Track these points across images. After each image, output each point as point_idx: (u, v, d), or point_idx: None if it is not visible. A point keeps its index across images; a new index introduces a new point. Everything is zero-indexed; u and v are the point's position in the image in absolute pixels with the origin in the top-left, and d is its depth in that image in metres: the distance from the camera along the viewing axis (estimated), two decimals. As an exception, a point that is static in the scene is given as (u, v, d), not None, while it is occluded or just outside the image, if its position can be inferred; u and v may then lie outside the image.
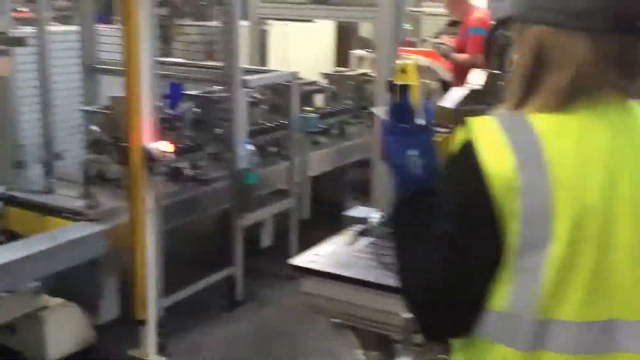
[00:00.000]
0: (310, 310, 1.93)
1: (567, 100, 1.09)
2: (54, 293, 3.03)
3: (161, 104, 3.29)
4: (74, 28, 3.98)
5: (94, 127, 3.40)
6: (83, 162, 3.41)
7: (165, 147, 2.95)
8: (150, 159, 2.94)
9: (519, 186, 1.04)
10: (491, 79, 1.64)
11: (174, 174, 3.48)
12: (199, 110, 3.76)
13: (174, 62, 4.46)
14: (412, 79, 1.30)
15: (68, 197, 3.27)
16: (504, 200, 1.05)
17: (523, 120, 1.09)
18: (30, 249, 2.72)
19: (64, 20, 5.08)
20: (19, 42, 3.01)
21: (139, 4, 2.78)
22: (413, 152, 1.21)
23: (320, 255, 1.98)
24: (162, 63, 3.76)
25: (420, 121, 1.23)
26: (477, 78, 1.70)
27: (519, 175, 1.04)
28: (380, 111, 1.35)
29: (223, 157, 3.71)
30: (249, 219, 3.70)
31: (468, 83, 1.62)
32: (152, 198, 2.99)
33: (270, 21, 5.40)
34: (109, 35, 4.06)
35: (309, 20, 5.41)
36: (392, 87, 1.29)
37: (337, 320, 1.87)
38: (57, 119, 3.81)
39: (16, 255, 2.64)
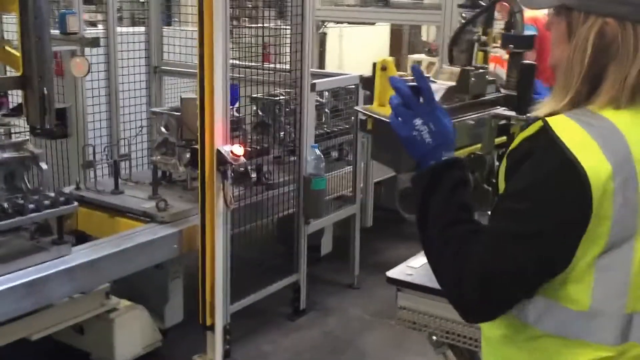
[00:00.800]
0: (406, 326, 1.86)
1: (636, 94, 1.10)
2: (120, 295, 3.04)
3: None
4: (141, 29, 4.01)
5: (162, 129, 3.40)
6: (151, 164, 3.42)
7: (238, 150, 2.93)
8: (222, 161, 2.92)
9: (614, 188, 1.06)
10: (463, 76, 1.62)
11: (240, 178, 3.46)
12: (262, 113, 3.74)
13: (241, 64, 4.44)
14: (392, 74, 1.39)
15: (136, 198, 3.28)
16: (600, 203, 1.05)
17: (603, 120, 1.10)
18: (103, 251, 2.72)
19: (129, 22, 5.14)
20: (94, 42, 3.03)
21: (215, 6, 2.77)
22: (418, 122, 1.25)
23: (415, 268, 1.91)
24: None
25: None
26: (445, 75, 1.67)
27: (615, 178, 1.06)
28: (365, 109, 1.44)
29: (286, 161, 3.67)
30: (314, 225, 3.65)
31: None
32: (222, 201, 2.97)
33: (326, 24, 5.36)
34: (173, 37, 4.08)
35: (371, 23, 5.34)
36: (367, 84, 1.41)
37: (434, 337, 1.79)
38: (123, 119, 3.87)
39: (89, 257, 2.65)
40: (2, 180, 2.56)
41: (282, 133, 3.73)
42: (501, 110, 1.69)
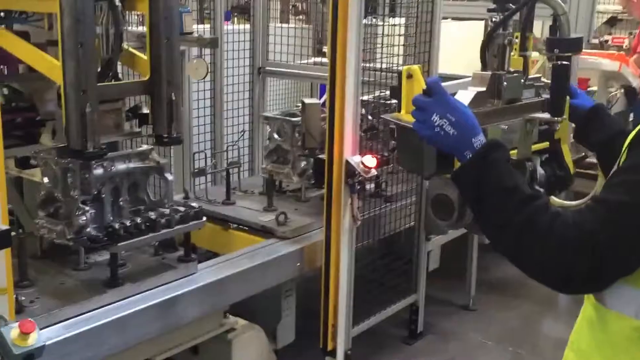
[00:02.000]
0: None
1: None
2: (230, 312, 2.89)
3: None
4: (246, 27, 3.84)
5: (275, 135, 3.23)
6: (262, 172, 3.26)
7: (369, 161, 2.71)
8: (351, 174, 2.72)
9: None
10: (494, 80, 1.62)
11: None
12: (371, 117, 3.52)
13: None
14: (418, 83, 1.44)
15: (250, 210, 3.11)
16: None
17: None
18: (228, 269, 2.55)
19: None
20: (213, 43, 2.88)
21: (350, 6, 2.56)
22: (435, 118, 1.29)
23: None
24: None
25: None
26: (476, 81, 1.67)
27: None
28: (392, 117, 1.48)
29: (402, 170, 3.44)
30: (434, 242, 3.41)
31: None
32: (349, 216, 2.77)
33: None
34: (278, 35, 3.90)
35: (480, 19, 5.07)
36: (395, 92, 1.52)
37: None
38: (226, 123, 3.72)
39: (216, 276, 2.48)
40: (125, 191, 2.42)
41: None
42: (536, 114, 1.64)
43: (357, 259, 2.98)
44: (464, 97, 1.56)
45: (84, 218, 2.23)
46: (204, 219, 2.42)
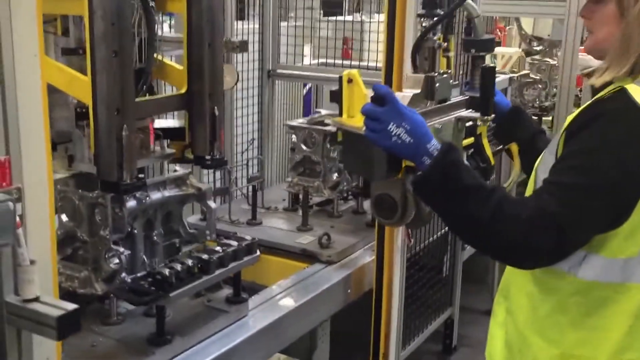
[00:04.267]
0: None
1: None
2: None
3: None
4: (255, 26, 3.34)
5: (302, 146, 2.78)
6: (291, 186, 2.81)
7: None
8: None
9: None
10: (427, 82, 1.65)
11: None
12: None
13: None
14: (359, 88, 1.45)
15: (282, 230, 2.67)
16: None
17: None
18: (281, 307, 2.11)
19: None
20: (242, 47, 2.39)
21: (408, 5, 2.16)
22: (392, 127, 1.30)
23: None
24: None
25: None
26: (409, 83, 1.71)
27: None
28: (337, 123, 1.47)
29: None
30: (470, 250, 3.07)
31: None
32: (402, 236, 2.37)
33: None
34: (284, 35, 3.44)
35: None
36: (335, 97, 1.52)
37: None
38: (236, 132, 3.25)
39: (270, 318, 2.03)
40: (159, 224, 1.94)
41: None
42: (466, 113, 1.69)
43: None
44: (400, 99, 1.50)
45: (117, 261, 1.75)
46: (258, 252, 1.97)
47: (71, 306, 1.15)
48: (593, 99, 1.27)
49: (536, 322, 1.35)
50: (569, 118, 1.28)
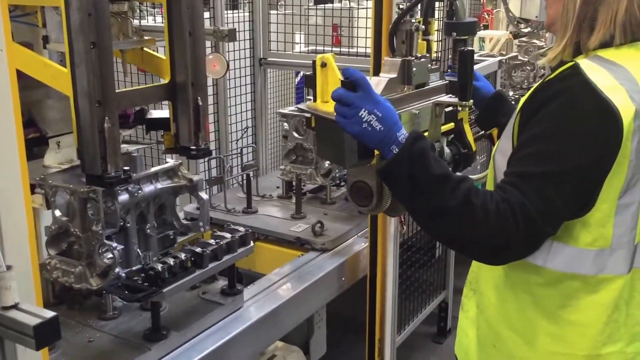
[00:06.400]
0: None
1: (626, 33, 1.18)
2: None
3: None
4: (245, 15, 3.23)
5: (294, 133, 2.70)
6: (283, 174, 2.73)
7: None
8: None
9: (634, 129, 1.13)
10: (404, 66, 1.55)
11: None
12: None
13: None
14: (333, 72, 1.37)
15: (276, 218, 2.60)
16: (625, 141, 1.13)
17: (619, 66, 1.17)
18: (277, 297, 2.04)
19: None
20: (231, 36, 2.29)
21: None
22: (364, 113, 1.21)
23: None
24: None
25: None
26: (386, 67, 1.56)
27: (636, 120, 1.13)
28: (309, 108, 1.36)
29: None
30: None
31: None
32: (395, 221, 2.31)
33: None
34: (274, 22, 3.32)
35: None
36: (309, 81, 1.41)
37: None
38: (230, 121, 3.15)
39: (266, 308, 1.96)
40: (152, 216, 1.86)
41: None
42: (445, 98, 1.59)
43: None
44: (376, 84, 1.44)
45: (111, 256, 1.67)
46: (252, 244, 1.89)
47: (49, 314, 1.07)
48: (544, 78, 1.21)
49: (507, 317, 1.28)
50: (522, 100, 1.21)
